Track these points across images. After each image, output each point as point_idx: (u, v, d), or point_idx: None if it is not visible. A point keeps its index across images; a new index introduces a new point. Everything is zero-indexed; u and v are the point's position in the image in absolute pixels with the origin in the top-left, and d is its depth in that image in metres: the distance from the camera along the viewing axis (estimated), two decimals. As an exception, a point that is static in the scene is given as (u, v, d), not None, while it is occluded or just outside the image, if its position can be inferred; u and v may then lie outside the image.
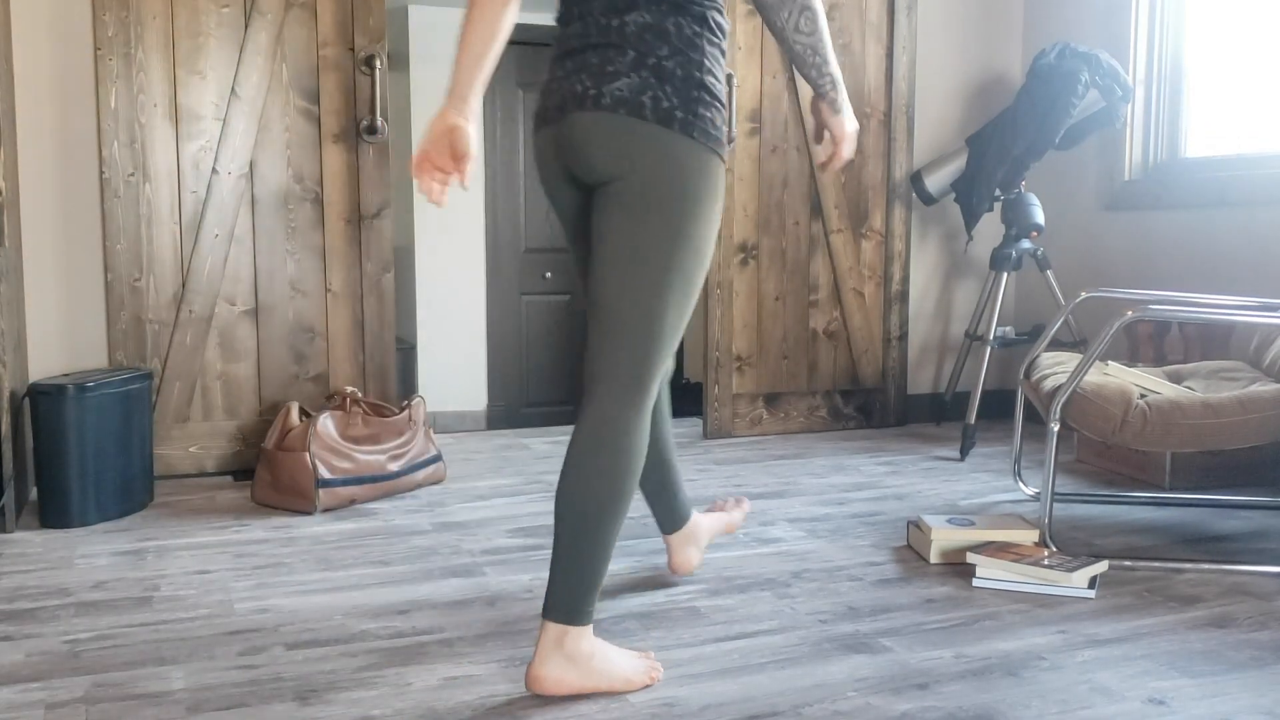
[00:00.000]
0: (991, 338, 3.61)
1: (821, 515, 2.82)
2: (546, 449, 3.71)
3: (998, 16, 4.20)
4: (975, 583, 2.25)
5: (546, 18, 5.54)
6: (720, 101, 1.79)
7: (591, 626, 1.77)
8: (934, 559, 2.40)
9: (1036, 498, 2.96)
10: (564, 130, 1.77)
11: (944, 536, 2.40)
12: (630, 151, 1.71)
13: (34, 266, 3.16)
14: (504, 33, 1.74)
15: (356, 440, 2.99)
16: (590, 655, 1.75)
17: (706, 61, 1.77)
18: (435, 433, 3.34)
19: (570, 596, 1.73)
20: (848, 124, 1.95)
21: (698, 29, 1.77)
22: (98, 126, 3.13)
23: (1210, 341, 3.23)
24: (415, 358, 5.49)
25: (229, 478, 3.27)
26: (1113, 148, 3.75)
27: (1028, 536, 2.41)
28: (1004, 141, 3.60)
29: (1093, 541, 2.58)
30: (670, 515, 2.24)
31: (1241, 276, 3.32)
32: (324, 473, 2.85)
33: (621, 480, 1.73)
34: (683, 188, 1.73)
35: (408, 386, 5.30)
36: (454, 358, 5.60)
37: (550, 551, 2.50)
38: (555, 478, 3.27)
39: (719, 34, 1.81)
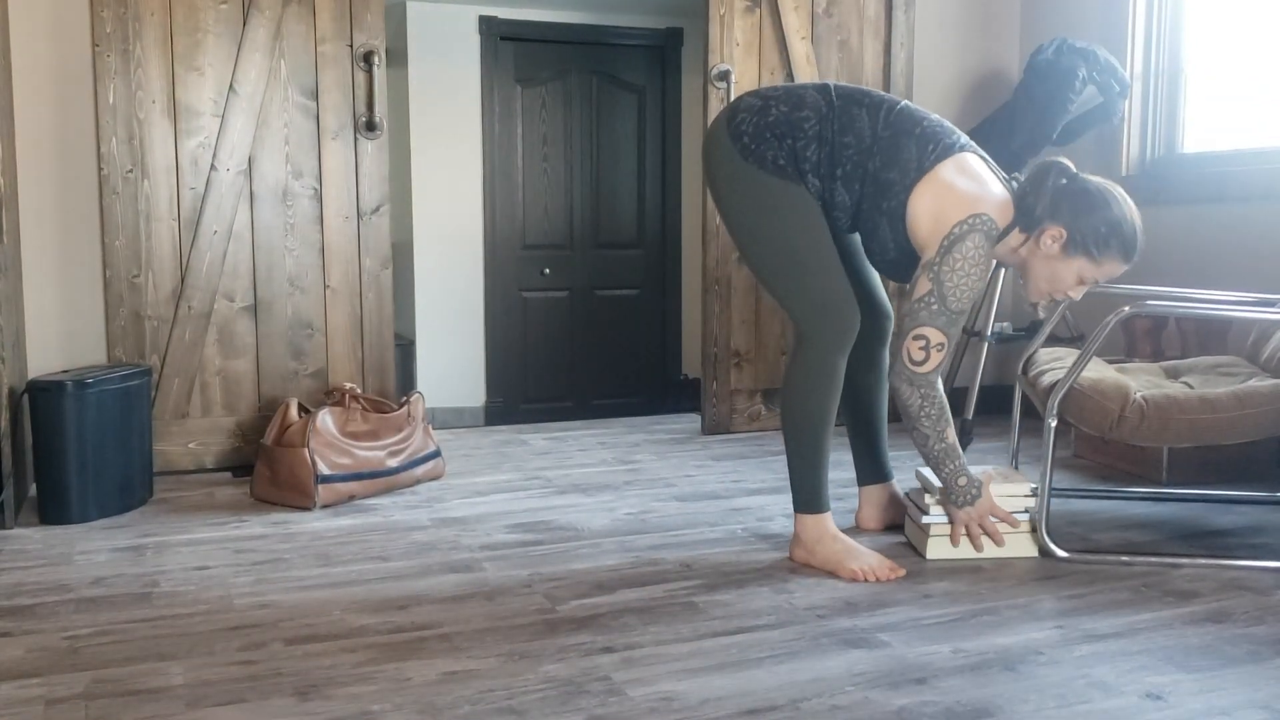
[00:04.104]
0: (989, 333, 3.61)
1: (820, 511, 2.83)
2: (545, 445, 3.71)
3: (995, 12, 4.20)
4: (929, 557, 2.37)
5: (544, 14, 5.55)
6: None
7: (820, 516, 2.34)
8: (930, 555, 2.41)
9: (1034, 493, 2.96)
10: None
11: (942, 532, 2.41)
12: None
13: (32, 263, 3.16)
14: None
15: (355, 436, 2.99)
16: (817, 540, 2.33)
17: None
18: (434, 429, 3.34)
19: (792, 491, 2.38)
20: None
21: None
22: (96, 123, 3.13)
23: (1208, 337, 3.23)
24: (414, 354, 5.49)
25: (228, 474, 3.28)
26: (1110, 143, 3.75)
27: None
28: (1002, 137, 3.60)
29: (1090, 537, 2.59)
30: (864, 468, 2.64)
31: (1239, 272, 3.32)
32: (323, 468, 2.85)
33: (787, 405, 2.36)
34: None
35: (406, 382, 5.30)
36: (453, 354, 5.61)
37: (548, 547, 2.51)
38: (554, 474, 3.27)
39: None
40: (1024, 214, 2.23)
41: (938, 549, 2.41)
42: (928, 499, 2.41)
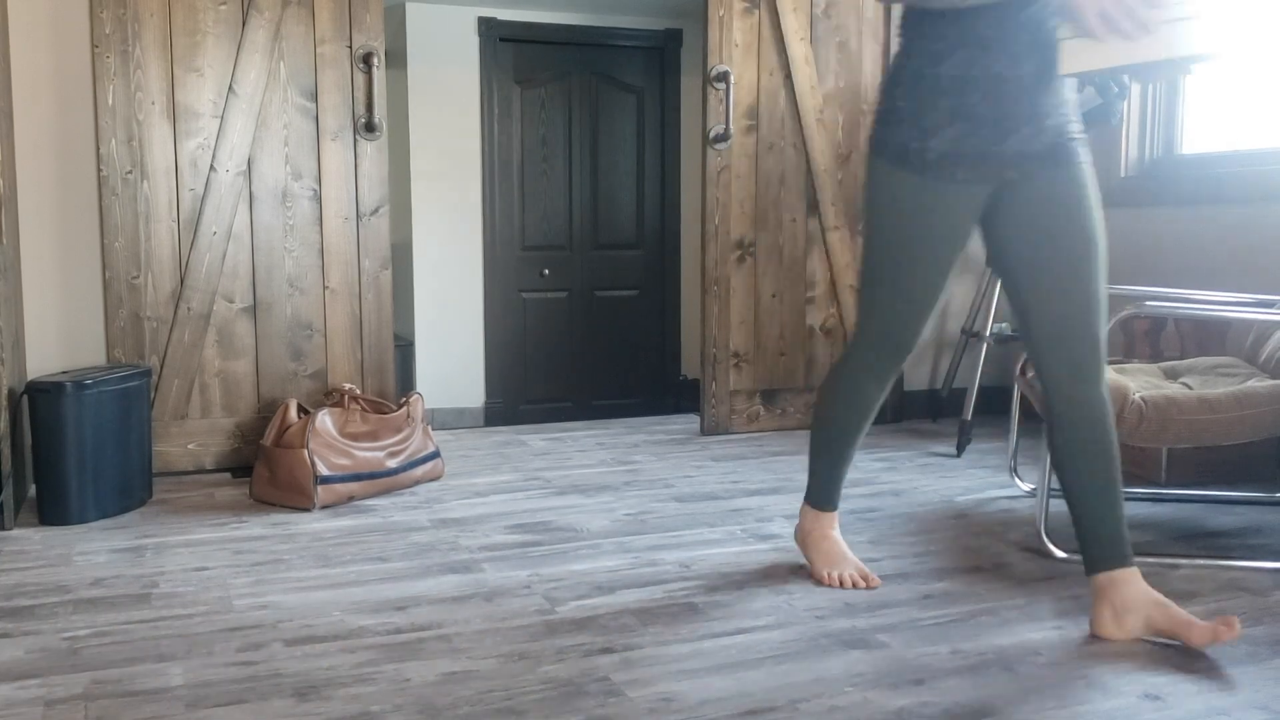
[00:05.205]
0: (988, 334, 3.61)
1: (819, 511, 2.83)
2: (544, 445, 3.71)
3: (995, 13, 4.20)
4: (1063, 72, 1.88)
5: (544, 15, 5.55)
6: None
7: (820, 513, 2.32)
8: (1065, 69, 1.89)
9: (1033, 494, 2.97)
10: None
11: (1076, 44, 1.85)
12: None
13: (32, 264, 3.16)
14: None
15: (355, 437, 2.99)
16: (808, 531, 2.34)
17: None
18: (433, 429, 3.34)
19: (808, 478, 2.35)
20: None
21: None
22: (95, 124, 3.13)
23: (1206, 338, 3.23)
24: (413, 354, 5.49)
25: (227, 474, 3.28)
26: (1109, 144, 3.75)
27: None
28: (1001, 138, 3.59)
29: (1089, 537, 2.59)
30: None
31: (1237, 273, 3.32)
32: (322, 469, 2.85)
33: (816, 399, 2.34)
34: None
35: (406, 383, 5.30)
36: (452, 354, 5.60)
37: (547, 548, 2.52)
38: (553, 474, 3.27)
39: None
40: None
41: (1074, 59, 1.87)
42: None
